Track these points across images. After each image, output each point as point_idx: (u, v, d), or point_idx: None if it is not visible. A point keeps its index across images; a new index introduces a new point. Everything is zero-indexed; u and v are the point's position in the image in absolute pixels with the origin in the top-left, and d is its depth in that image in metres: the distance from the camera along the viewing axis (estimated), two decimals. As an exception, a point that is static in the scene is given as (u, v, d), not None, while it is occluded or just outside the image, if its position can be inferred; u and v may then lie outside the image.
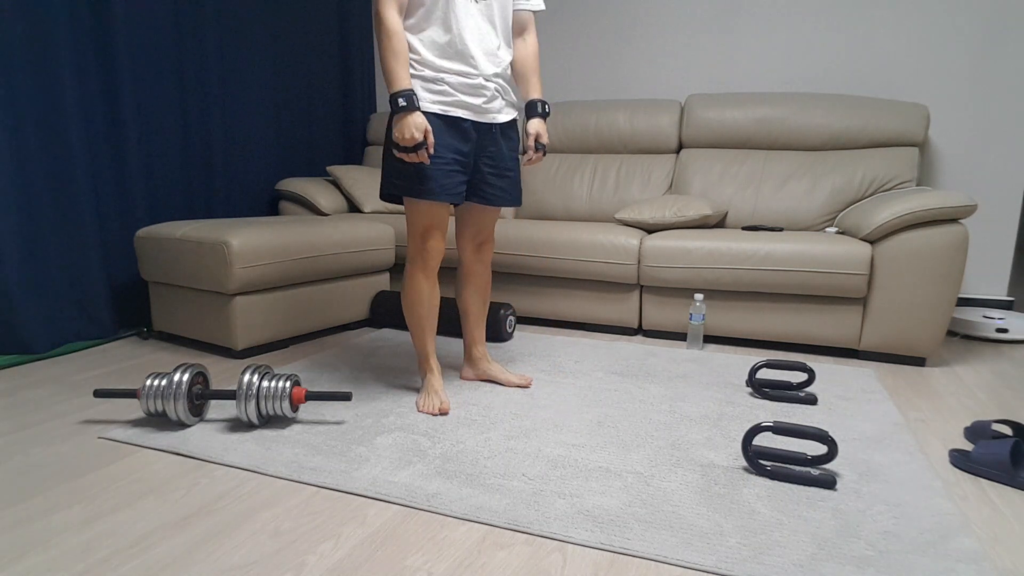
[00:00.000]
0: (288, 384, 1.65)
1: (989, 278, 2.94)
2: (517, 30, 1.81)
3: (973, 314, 2.76)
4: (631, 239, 2.58)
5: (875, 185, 2.74)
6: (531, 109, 1.80)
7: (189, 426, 1.66)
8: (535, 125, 1.79)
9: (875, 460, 1.51)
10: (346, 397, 1.66)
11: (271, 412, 1.65)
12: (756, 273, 2.39)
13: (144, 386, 1.63)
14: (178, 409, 1.61)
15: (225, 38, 2.96)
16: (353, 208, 3.41)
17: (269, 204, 3.36)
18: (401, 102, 1.54)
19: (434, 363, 1.88)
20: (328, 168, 3.42)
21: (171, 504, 1.30)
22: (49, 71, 2.24)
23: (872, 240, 2.30)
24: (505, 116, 1.78)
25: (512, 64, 1.81)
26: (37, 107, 2.23)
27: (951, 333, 2.79)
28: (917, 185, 2.82)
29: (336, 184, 3.42)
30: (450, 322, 2.58)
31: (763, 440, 1.62)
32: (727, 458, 1.51)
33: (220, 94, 2.94)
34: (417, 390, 1.96)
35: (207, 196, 2.95)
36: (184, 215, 2.85)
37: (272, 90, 3.28)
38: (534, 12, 1.82)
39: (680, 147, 3.19)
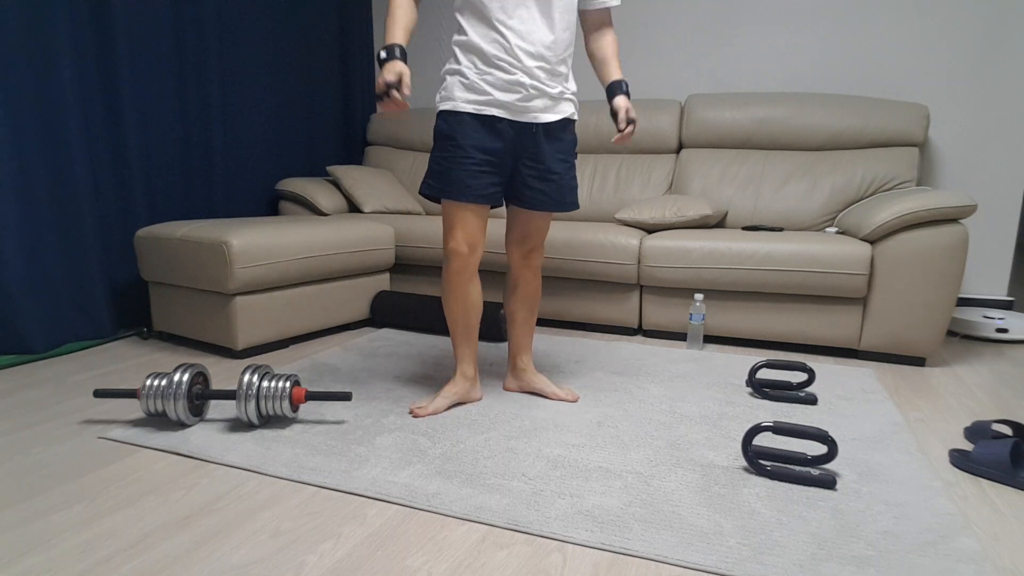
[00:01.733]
0: (288, 384, 1.64)
1: (989, 278, 2.94)
2: (595, 25, 1.78)
3: (973, 314, 2.76)
4: (631, 239, 2.58)
5: (875, 185, 2.74)
6: (616, 88, 1.76)
7: (189, 426, 1.66)
8: (621, 101, 1.74)
9: (875, 460, 1.51)
10: (346, 397, 1.66)
11: (271, 412, 1.64)
12: (756, 273, 2.39)
13: (144, 386, 1.63)
14: (178, 409, 1.61)
15: (225, 38, 2.96)
16: (353, 208, 3.41)
17: (269, 204, 3.36)
18: (382, 54, 1.52)
19: (463, 368, 1.82)
20: (328, 168, 3.42)
21: (171, 504, 1.30)
22: (49, 71, 2.24)
23: (872, 240, 2.30)
24: (550, 116, 1.67)
25: (592, 55, 1.80)
26: (37, 107, 2.23)
27: (951, 333, 2.79)
28: (917, 185, 2.82)
29: (336, 184, 3.42)
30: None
31: (763, 440, 1.62)
32: (727, 458, 1.51)
33: (220, 94, 2.94)
34: (418, 390, 1.96)
35: (207, 196, 2.95)
36: (184, 215, 2.85)
37: (272, 90, 3.28)
38: (610, 8, 1.78)
39: (680, 147, 3.19)
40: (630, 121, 1.72)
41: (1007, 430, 1.67)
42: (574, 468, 1.45)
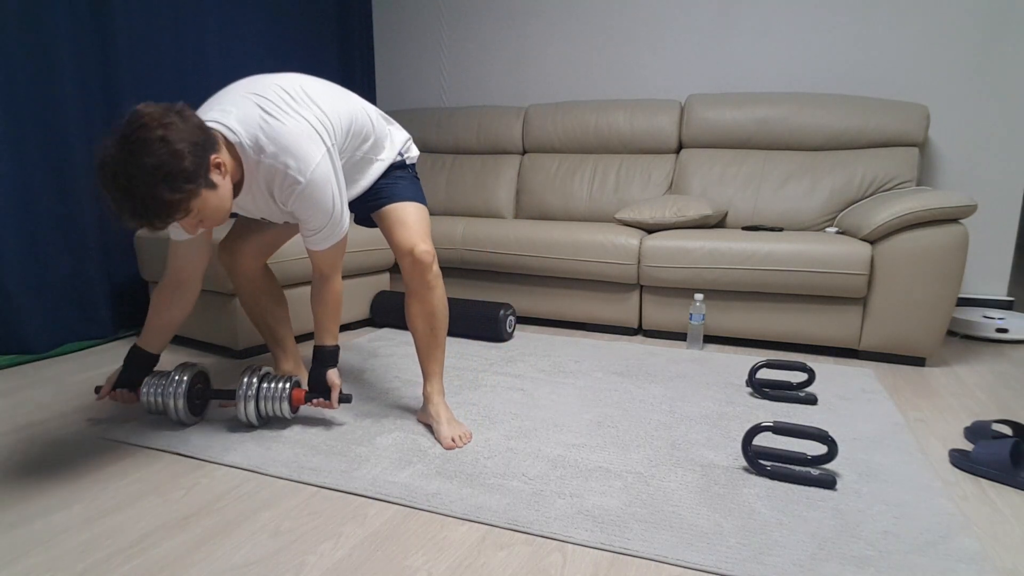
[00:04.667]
0: (288, 385, 1.63)
1: (989, 278, 2.94)
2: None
3: (973, 314, 2.76)
4: (631, 239, 2.58)
5: (875, 185, 2.74)
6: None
7: (189, 425, 1.66)
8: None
9: (875, 460, 1.51)
10: (346, 399, 1.66)
11: (271, 413, 1.63)
12: (756, 273, 2.39)
13: (145, 384, 1.63)
14: (178, 408, 1.61)
15: (225, 38, 2.96)
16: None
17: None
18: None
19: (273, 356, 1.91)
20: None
21: (171, 504, 1.30)
22: (49, 71, 2.24)
23: (872, 240, 2.30)
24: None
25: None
26: (37, 107, 2.23)
27: (951, 333, 2.79)
28: (917, 185, 2.82)
29: (336, 184, 3.41)
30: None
31: (763, 440, 1.62)
32: (727, 458, 1.51)
33: (220, 94, 2.94)
34: (418, 390, 1.96)
35: (207, 196, 2.94)
36: (184, 215, 2.85)
37: (272, 90, 3.27)
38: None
39: (680, 147, 3.19)
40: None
41: (1007, 430, 1.67)
42: (574, 468, 1.45)
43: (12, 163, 2.18)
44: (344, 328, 2.76)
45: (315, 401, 1.61)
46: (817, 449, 1.55)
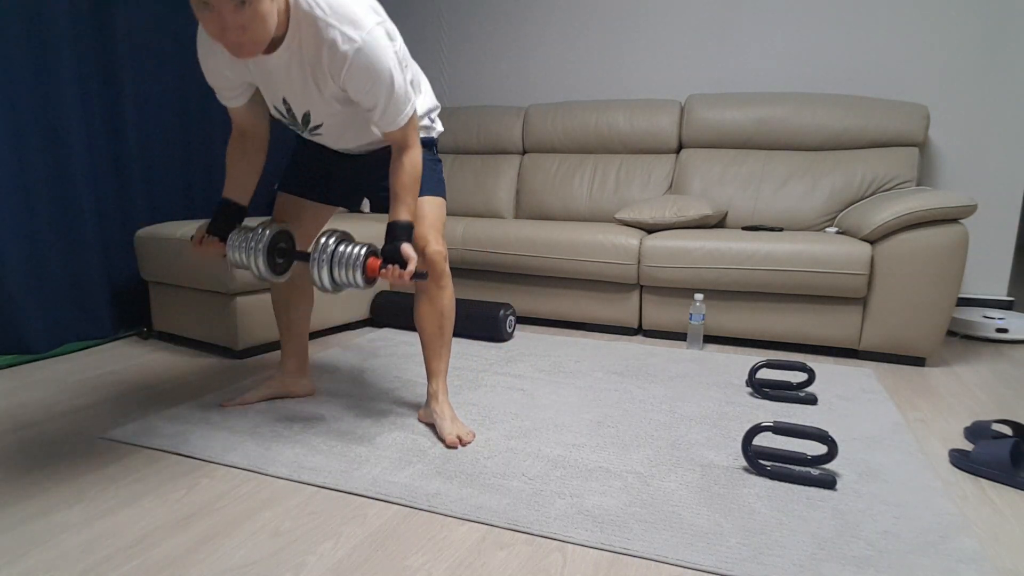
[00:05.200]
0: (363, 251, 1.46)
1: (989, 278, 2.94)
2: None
3: (973, 314, 2.76)
4: (631, 239, 2.58)
5: (875, 185, 2.74)
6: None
7: (270, 282, 1.60)
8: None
9: (875, 460, 1.51)
10: (421, 276, 1.48)
11: (344, 280, 1.46)
12: (756, 273, 2.39)
13: (230, 237, 1.52)
14: (258, 265, 1.48)
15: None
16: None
17: (269, 204, 3.35)
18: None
19: (283, 362, 1.88)
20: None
21: (171, 504, 1.30)
22: (49, 71, 2.24)
23: (872, 240, 2.30)
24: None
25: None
26: (37, 107, 2.23)
27: (951, 333, 2.79)
28: (917, 185, 2.82)
29: (336, 184, 3.41)
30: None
31: (763, 440, 1.62)
32: (727, 458, 1.51)
33: (220, 94, 2.94)
34: (418, 390, 1.96)
35: (207, 196, 2.95)
36: (184, 215, 2.85)
37: (272, 90, 3.27)
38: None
39: (680, 147, 3.19)
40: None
41: (1007, 430, 1.67)
42: (574, 468, 1.45)
43: (12, 163, 2.18)
44: (344, 328, 2.76)
45: (388, 269, 1.42)
46: (817, 449, 1.55)
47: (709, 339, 2.66)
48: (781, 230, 2.68)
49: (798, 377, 2.12)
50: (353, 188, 1.76)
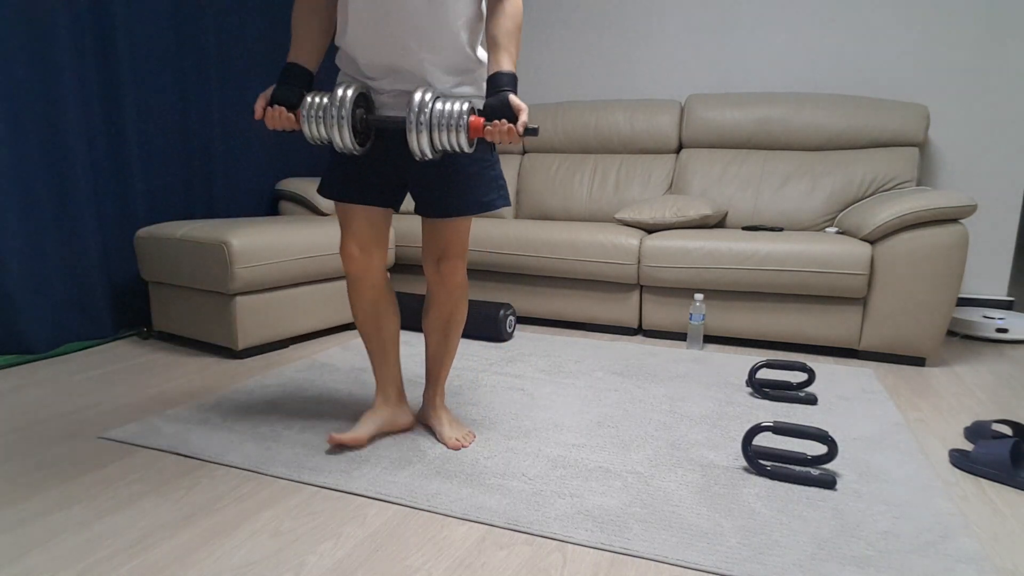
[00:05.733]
0: (465, 108, 1.26)
1: (989, 278, 2.94)
2: None
3: (973, 314, 2.76)
4: (631, 239, 2.58)
5: (875, 185, 2.74)
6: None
7: (357, 155, 1.41)
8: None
9: (875, 460, 1.51)
10: (532, 132, 1.26)
11: (446, 146, 1.28)
12: (756, 273, 2.38)
13: (305, 107, 1.32)
14: (343, 137, 1.31)
15: (225, 38, 2.96)
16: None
17: (269, 204, 3.36)
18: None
19: (381, 392, 1.62)
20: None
21: (171, 504, 1.30)
22: (49, 71, 2.24)
23: (872, 240, 2.30)
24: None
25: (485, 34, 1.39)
26: (37, 107, 2.23)
27: (951, 333, 2.79)
28: (917, 185, 2.82)
29: (336, 184, 3.41)
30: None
31: (763, 440, 1.62)
32: (727, 458, 1.51)
33: (220, 94, 2.94)
34: (418, 390, 1.96)
35: (207, 196, 2.95)
36: (184, 215, 2.85)
37: (272, 90, 3.27)
38: None
39: (680, 147, 3.19)
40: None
41: (1007, 430, 1.67)
42: (574, 468, 1.45)
43: (12, 163, 2.18)
44: (344, 328, 2.76)
45: (495, 125, 1.25)
46: (817, 449, 1.55)
47: (709, 339, 2.66)
48: (781, 230, 2.68)
49: (798, 377, 2.12)
50: (397, 185, 1.51)
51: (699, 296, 2.43)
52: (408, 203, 3.28)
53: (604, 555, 1.14)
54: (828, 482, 1.37)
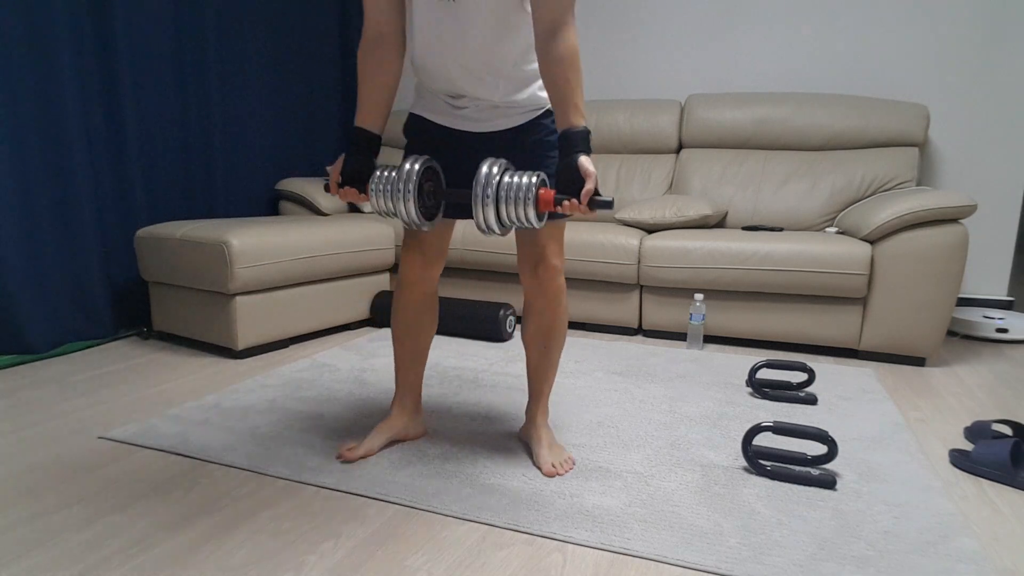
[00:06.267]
0: (535, 181, 1.20)
1: (989, 278, 2.94)
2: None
3: (973, 314, 2.76)
4: (631, 239, 2.58)
5: (875, 185, 2.74)
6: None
7: (423, 229, 1.40)
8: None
9: (875, 460, 1.51)
10: (605, 205, 1.20)
11: (514, 220, 1.22)
12: (756, 273, 2.38)
13: (373, 181, 1.30)
14: (409, 212, 1.27)
15: (225, 38, 2.96)
16: (353, 208, 3.41)
17: (269, 204, 3.36)
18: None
19: (399, 400, 1.58)
20: (328, 168, 3.40)
21: (171, 504, 1.30)
22: (49, 71, 2.24)
23: (872, 240, 2.30)
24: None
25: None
26: (37, 107, 2.23)
27: (951, 333, 2.79)
28: (917, 185, 2.82)
29: (336, 184, 3.41)
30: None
31: (763, 440, 1.61)
32: (727, 458, 1.51)
33: (220, 94, 2.94)
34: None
35: (207, 196, 2.95)
36: (184, 215, 2.85)
37: (272, 90, 3.28)
38: None
39: (680, 147, 3.19)
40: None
41: (1007, 430, 1.67)
42: (574, 468, 1.45)
43: (12, 163, 2.18)
44: (344, 328, 2.76)
45: (566, 204, 1.20)
46: (817, 449, 1.55)
47: (709, 339, 2.66)
48: (781, 230, 2.68)
49: (798, 377, 2.12)
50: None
51: (699, 296, 2.43)
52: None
53: (604, 555, 1.14)
54: (828, 482, 1.37)
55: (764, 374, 2.17)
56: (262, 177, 3.28)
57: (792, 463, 1.45)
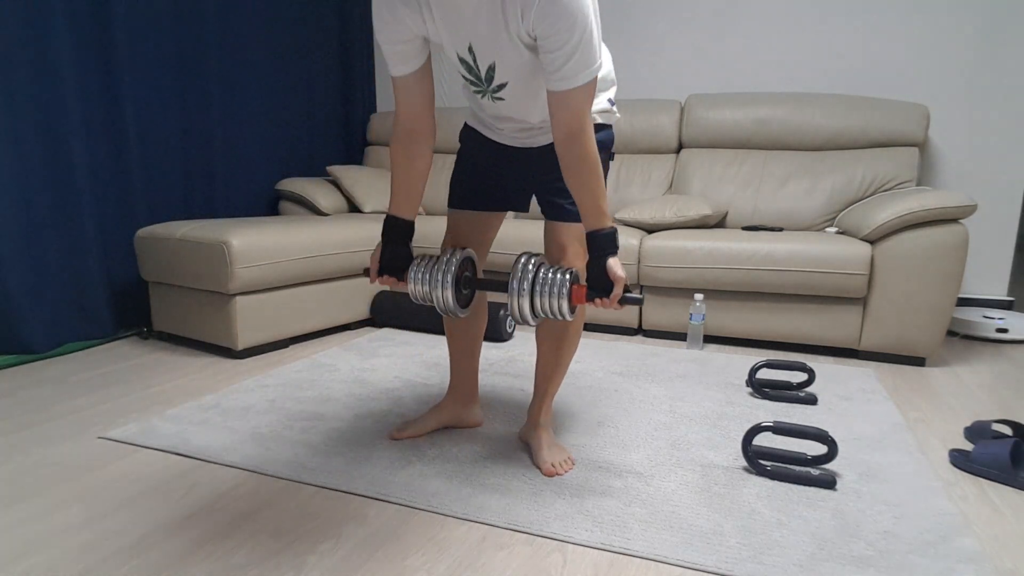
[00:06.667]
0: (568, 277, 1.27)
1: (989, 278, 2.94)
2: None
3: (973, 314, 2.76)
4: (631, 239, 2.58)
5: (875, 185, 2.74)
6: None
7: (459, 316, 1.43)
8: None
9: (875, 460, 1.51)
10: (636, 301, 1.29)
11: (547, 311, 1.29)
12: (756, 273, 2.38)
13: (412, 268, 1.37)
14: (446, 298, 1.34)
15: (225, 38, 2.96)
16: (353, 208, 3.41)
17: (269, 204, 3.36)
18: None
19: (453, 390, 1.67)
20: (328, 168, 3.41)
21: (171, 504, 1.30)
22: (49, 71, 2.24)
23: (872, 240, 2.30)
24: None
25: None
26: (37, 108, 2.23)
27: (951, 333, 2.79)
28: (917, 185, 2.81)
29: (336, 184, 3.41)
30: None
31: (763, 440, 1.61)
32: (727, 458, 1.51)
33: (220, 94, 2.94)
34: (417, 390, 1.96)
35: (207, 196, 2.95)
36: (184, 215, 2.85)
37: (272, 90, 3.28)
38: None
39: (680, 147, 3.19)
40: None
41: (1007, 430, 1.67)
42: (574, 468, 1.45)
43: (12, 163, 2.17)
44: (344, 328, 2.76)
45: (598, 301, 1.28)
46: (817, 449, 1.55)
47: (709, 339, 2.66)
48: (781, 230, 2.68)
49: (798, 377, 2.11)
50: (521, 187, 1.56)
51: (699, 296, 2.43)
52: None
53: (604, 555, 1.14)
54: (828, 482, 1.37)
55: (764, 374, 2.16)
56: (262, 177, 3.28)
57: (792, 463, 1.45)
